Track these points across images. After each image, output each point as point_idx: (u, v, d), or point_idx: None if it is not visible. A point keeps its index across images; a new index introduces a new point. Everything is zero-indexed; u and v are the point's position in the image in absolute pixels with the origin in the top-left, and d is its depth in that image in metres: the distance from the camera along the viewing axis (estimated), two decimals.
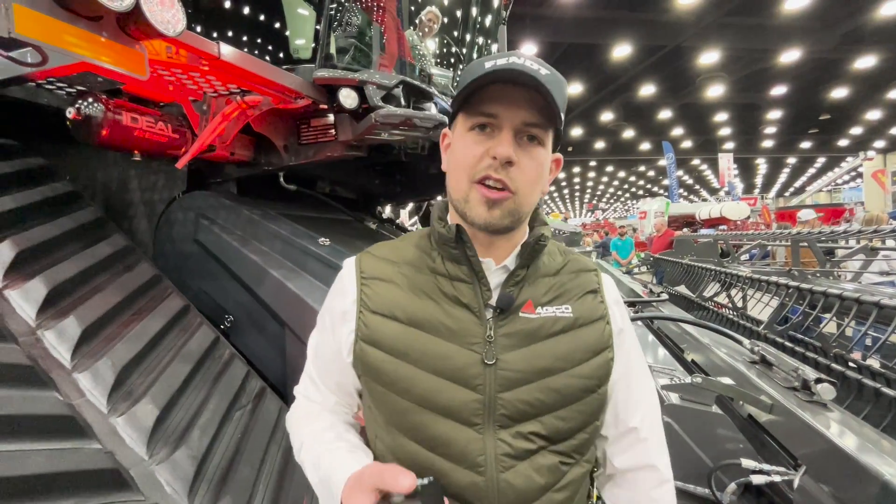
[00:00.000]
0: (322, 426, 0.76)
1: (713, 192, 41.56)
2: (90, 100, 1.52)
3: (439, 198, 0.69)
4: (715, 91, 16.58)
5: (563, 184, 44.67)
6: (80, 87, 1.68)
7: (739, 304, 4.79)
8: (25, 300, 1.35)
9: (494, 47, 3.37)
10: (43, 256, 1.50)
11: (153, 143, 1.72)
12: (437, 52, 2.91)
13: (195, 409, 1.45)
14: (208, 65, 1.46)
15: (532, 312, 0.70)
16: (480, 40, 3.14)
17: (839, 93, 17.12)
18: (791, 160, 32.47)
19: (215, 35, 1.80)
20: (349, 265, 0.77)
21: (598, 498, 1.81)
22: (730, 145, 26.09)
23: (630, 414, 0.76)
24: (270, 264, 1.91)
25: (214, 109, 1.90)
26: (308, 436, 0.75)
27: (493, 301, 0.69)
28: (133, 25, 1.15)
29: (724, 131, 23.49)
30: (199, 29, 1.99)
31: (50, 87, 1.73)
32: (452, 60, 2.89)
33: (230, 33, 2.17)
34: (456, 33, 2.93)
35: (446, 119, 2.19)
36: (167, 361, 1.51)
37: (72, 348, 1.32)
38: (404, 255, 0.75)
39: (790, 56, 13.39)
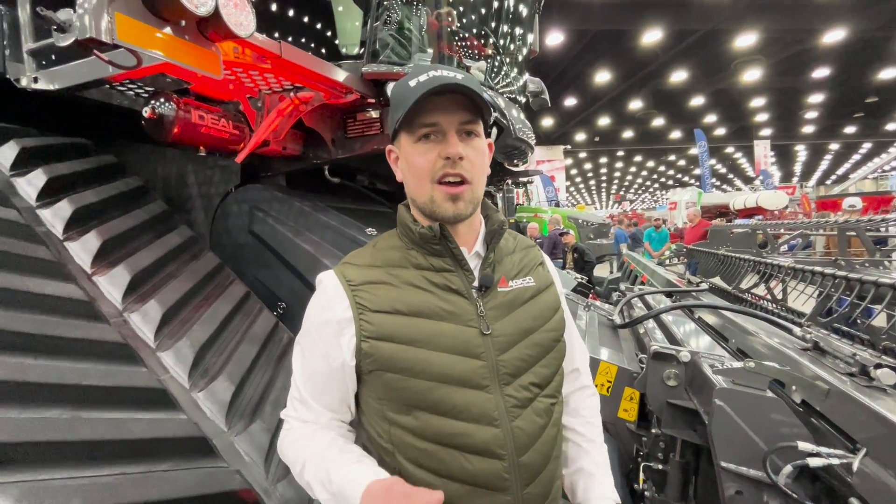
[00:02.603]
0: (323, 444, 0.79)
1: (748, 181, 40.03)
2: (163, 99, 1.63)
3: (400, 206, 0.78)
4: (751, 75, 15.93)
5: (590, 175, 43.85)
6: (149, 88, 1.81)
7: (779, 296, 4.66)
8: (112, 285, 1.48)
9: (530, 37, 3.36)
10: (123, 246, 1.63)
11: (217, 140, 1.83)
12: (475, 42, 2.93)
13: (264, 387, 1.56)
14: (271, 63, 1.54)
15: (506, 286, 0.85)
16: (517, 30, 3.15)
17: (888, 73, 16.17)
18: (834, 146, 30.90)
19: (264, 32, 1.89)
20: (329, 279, 0.82)
21: (645, 481, 1.83)
22: (767, 132, 25.04)
23: (573, 356, 0.96)
24: (322, 253, 2.00)
25: (269, 106, 1.99)
26: (310, 455, 0.78)
27: (475, 283, 0.82)
28: (211, 28, 1.23)
29: (761, 117, 22.55)
30: None
31: (122, 88, 1.87)
32: (490, 51, 2.91)
33: (281, 31, 2.26)
34: (493, 24, 2.94)
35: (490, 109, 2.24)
36: (236, 343, 1.62)
37: (154, 329, 1.44)
38: (385, 258, 0.83)
39: (834, 36, 12.72)
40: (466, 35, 2.73)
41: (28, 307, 1.17)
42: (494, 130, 2.48)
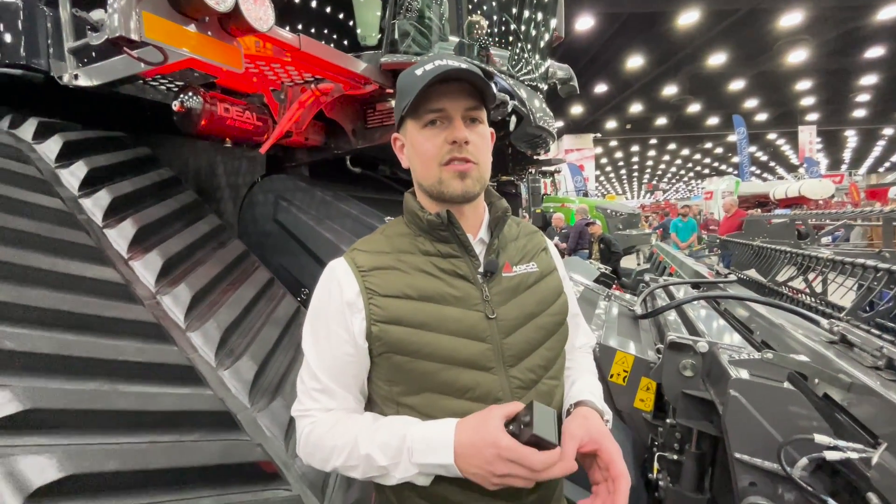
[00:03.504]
0: (368, 419, 0.80)
1: (791, 169, 37.99)
2: (191, 93, 1.71)
3: (406, 194, 0.78)
4: (796, 57, 15.02)
5: (621, 164, 42.65)
6: (178, 82, 1.90)
7: (818, 290, 4.45)
8: (146, 269, 1.58)
9: (553, 22, 3.30)
10: (156, 233, 1.73)
11: (242, 131, 1.90)
12: (495, 30, 2.90)
13: (285, 368, 1.64)
14: (291, 56, 1.59)
15: (510, 272, 0.87)
16: (539, 16, 3.09)
17: None
18: (888, 131, 28.89)
19: (287, 25, 1.94)
20: (339, 265, 0.83)
21: (660, 471, 1.83)
22: (813, 116, 23.63)
23: (576, 337, 1.01)
24: (343, 241, 2.06)
25: (291, 98, 2.05)
26: (360, 430, 0.76)
27: (481, 268, 0.85)
28: (232, 24, 1.29)
29: (807, 101, 21.28)
30: None
31: (154, 83, 1.96)
32: (511, 38, 2.87)
33: (302, 23, 2.30)
34: (514, 10, 2.90)
35: (507, 98, 2.23)
36: (259, 326, 1.70)
37: (184, 311, 1.54)
38: (393, 245, 0.85)
39: (889, 12, 11.83)
40: (487, 22, 2.70)
41: (71, 288, 1.28)
42: (514, 118, 2.46)
